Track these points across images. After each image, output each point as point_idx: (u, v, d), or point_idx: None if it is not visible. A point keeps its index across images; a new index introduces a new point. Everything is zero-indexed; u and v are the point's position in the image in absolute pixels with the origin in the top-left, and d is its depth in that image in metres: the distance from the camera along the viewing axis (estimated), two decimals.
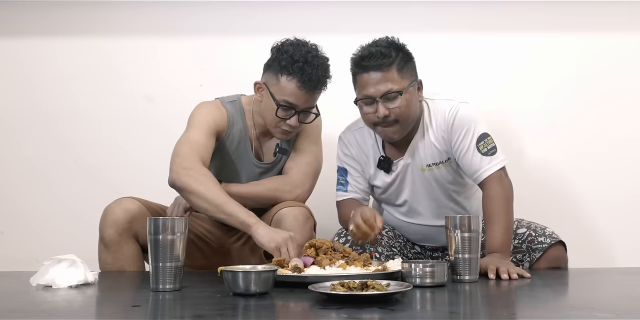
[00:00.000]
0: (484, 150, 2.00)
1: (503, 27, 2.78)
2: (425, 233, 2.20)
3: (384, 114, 1.96)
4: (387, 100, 1.96)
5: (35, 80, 2.82)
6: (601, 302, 1.50)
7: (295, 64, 2.00)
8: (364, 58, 1.96)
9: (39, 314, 1.36)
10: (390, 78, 1.95)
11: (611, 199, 2.70)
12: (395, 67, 1.95)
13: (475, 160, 2.00)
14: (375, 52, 1.95)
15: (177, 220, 1.57)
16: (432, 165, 2.08)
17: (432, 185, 2.12)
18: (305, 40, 2.07)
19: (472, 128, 2.01)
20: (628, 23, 2.78)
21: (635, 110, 2.76)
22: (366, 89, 1.97)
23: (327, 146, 2.29)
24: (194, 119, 2.11)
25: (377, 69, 1.95)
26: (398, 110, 1.96)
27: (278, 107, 2.04)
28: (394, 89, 1.95)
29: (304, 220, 2.02)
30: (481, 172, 1.99)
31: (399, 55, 1.97)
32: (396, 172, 2.12)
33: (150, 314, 1.36)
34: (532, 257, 2.07)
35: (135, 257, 2.03)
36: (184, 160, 1.97)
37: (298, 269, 1.66)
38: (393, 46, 1.98)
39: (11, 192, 2.79)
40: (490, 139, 2.01)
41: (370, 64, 1.95)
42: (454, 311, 1.37)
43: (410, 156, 2.10)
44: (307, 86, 2.01)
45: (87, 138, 2.79)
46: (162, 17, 2.81)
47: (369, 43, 2.01)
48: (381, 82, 1.95)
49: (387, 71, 1.95)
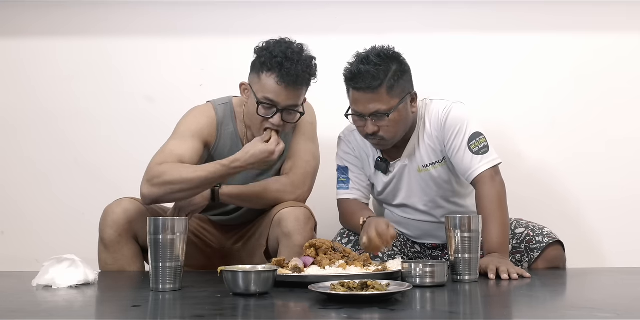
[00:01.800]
0: (475, 149, 2.01)
1: (502, 27, 2.78)
2: (424, 229, 2.21)
3: (373, 131, 1.99)
4: (376, 118, 1.98)
5: (35, 80, 2.82)
6: (601, 302, 1.50)
7: (274, 59, 1.98)
8: (354, 77, 1.96)
9: (39, 314, 1.36)
10: (378, 99, 1.96)
11: (609, 199, 2.70)
12: (385, 87, 1.95)
13: (466, 159, 2.01)
14: (365, 72, 1.93)
15: (177, 220, 1.57)
16: (429, 166, 2.10)
17: (428, 185, 2.13)
18: (291, 40, 2.05)
19: (465, 127, 2.02)
20: (627, 23, 2.78)
21: (633, 111, 2.76)
22: (356, 106, 2.00)
23: (325, 148, 2.28)
24: (177, 128, 2.11)
25: (365, 90, 1.95)
26: (386, 128, 1.99)
27: (259, 105, 2.01)
28: (381, 109, 1.96)
29: (305, 221, 2.01)
30: (472, 171, 2.00)
31: (390, 74, 1.96)
32: (393, 173, 2.14)
33: (150, 314, 1.36)
34: (531, 257, 2.07)
35: (135, 257, 2.03)
36: (148, 173, 1.96)
37: (298, 269, 1.66)
38: (385, 63, 1.96)
39: (11, 192, 2.79)
40: (482, 138, 2.02)
41: (359, 84, 1.95)
42: (454, 311, 1.37)
43: (407, 157, 2.12)
44: (285, 81, 1.97)
45: (87, 138, 2.79)
46: (162, 17, 2.81)
47: (362, 56, 1.98)
48: (370, 102, 1.96)
49: (375, 93, 1.95)
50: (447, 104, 2.06)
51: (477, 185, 2.00)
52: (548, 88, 2.77)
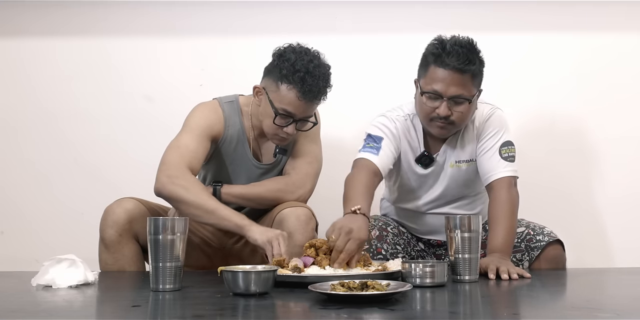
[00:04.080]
0: (505, 155, 2.06)
1: (501, 27, 2.78)
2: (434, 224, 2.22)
3: (445, 114, 1.97)
4: (454, 102, 1.97)
5: (35, 80, 2.82)
6: (602, 302, 1.50)
7: (297, 73, 1.99)
8: (447, 54, 1.93)
9: (39, 314, 1.36)
10: (464, 83, 1.95)
11: (610, 197, 2.71)
12: (472, 74, 1.96)
13: (493, 160, 2.05)
14: (461, 53, 1.93)
15: (177, 220, 1.57)
16: (462, 162, 2.13)
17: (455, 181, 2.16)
18: (308, 48, 2.06)
19: (502, 132, 2.08)
20: (626, 23, 2.78)
21: (632, 110, 2.76)
22: (437, 85, 1.96)
23: (326, 147, 2.29)
24: (188, 123, 2.12)
25: (456, 70, 1.93)
26: (460, 115, 1.99)
27: (276, 115, 2.03)
28: (464, 95, 1.96)
29: (306, 221, 2.02)
30: (494, 173, 2.04)
31: (478, 62, 1.98)
32: (432, 168, 2.15)
33: (150, 314, 1.36)
34: (532, 256, 2.07)
35: (135, 257, 2.03)
36: (169, 168, 1.97)
37: (298, 269, 1.66)
38: (475, 52, 1.98)
39: (11, 192, 2.79)
40: (513, 148, 2.08)
41: (452, 63, 1.92)
42: (454, 311, 1.37)
43: (445, 152, 2.13)
44: (307, 97, 2.01)
45: (87, 138, 2.79)
46: (162, 17, 2.81)
47: (451, 38, 1.97)
48: (455, 84, 1.95)
49: (464, 75, 1.94)
50: (492, 107, 2.12)
51: (494, 189, 2.02)
52: (547, 87, 2.77)
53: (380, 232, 2.14)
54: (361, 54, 2.75)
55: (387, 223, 2.21)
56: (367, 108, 2.42)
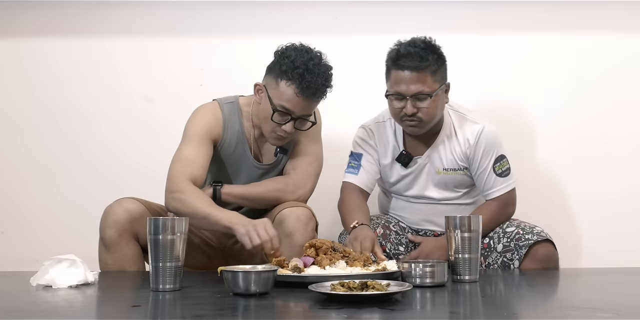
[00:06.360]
0: (499, 171, 2.17)
1: (502, 27, 2.78)
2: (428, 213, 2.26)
3: (412, 112, 2.07)
4: (417, 99, 2.07)
5: (35, 80, 2.82)
6: (602, 302, 1.50)
7: (296, 70, 1.99)
8: (401, 56, 2.06)
9: (38, 314, 1.36)
10: (422, 80, 2.05)
11: (607, 199, 2.70)
12: (430, 70, 2.06)
13: (489, 179, 2.17)
14: (414, 53, 2.04)
15: (177, 220, 1.58)
16: (450, 170, 2.21)
17: (446, 185, 2.23)
18: (310, 47, 2.06)
19: (494, 150, 2.17)
20: (629, 24, 2.78)
21: (634, 112, 2.76)
22: (399, 86, 2.07)
23: (327, 147, 2.29)
24: (187, 131, 2.13)
25: (412, 69, 2.05)
26: (425, 110, 2.08)
27: (274, 112, 2.03)
28: (424, 90, 2.06)
29: (306, 221, 2.02)
30: (492, 191, 2.18)
31: (434, 59, 2.07)
32: (413, 168, 2.22)
33: (150, 314, 1.36)
34: (520, 254, 2.07)
35: (135, 257, 2.03)
36: (170, 184, 2.01)
37: (298, 269, 1.66)
38: (430, 49, 2.08)
39: (11, 192, 2.79)
40: (505, 161, 2.18)
41: (407, 64, 2.05)
42: (454, 311, 1.37)
43: (429, 157, 2.21)
44: (305, 93, 2.01)
45: (86, 138, 2.79)
46: (162, 17, 2.81)
47: (407, 41, 2.10)
48: (414, 82, 2.05)
49: (421, 73, 2.05)
50: (481, 126, 2.17)
51: (489, 202, 2.19)
52: (548, 88, 2.77)
53: (384, 230, 2.17)
54: (361, 54, 2.75)
55: (388, 221, 2.25)
56: (367, 108, 2.42)
